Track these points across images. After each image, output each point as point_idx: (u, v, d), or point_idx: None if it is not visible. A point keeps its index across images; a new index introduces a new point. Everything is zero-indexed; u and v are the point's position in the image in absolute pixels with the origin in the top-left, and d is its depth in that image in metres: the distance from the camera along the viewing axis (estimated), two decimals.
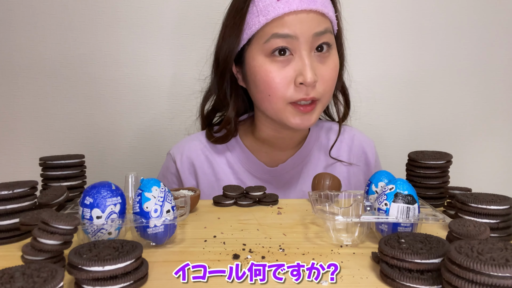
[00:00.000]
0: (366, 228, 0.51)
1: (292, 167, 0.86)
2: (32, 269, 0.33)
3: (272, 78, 0.72)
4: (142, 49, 1.12)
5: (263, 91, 0.74)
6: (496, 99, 1.21)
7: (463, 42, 1.17)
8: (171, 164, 0.87)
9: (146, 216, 0.47)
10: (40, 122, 1.13)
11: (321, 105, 0.76)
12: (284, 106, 0.74)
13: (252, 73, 0.75)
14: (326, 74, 0.74)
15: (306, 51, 0.71)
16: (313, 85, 0.71)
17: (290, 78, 0.72)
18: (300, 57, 0.71)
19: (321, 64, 0.73)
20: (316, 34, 0.71)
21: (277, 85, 0.72)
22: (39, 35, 1.09)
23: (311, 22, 0.70)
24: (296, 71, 0.71)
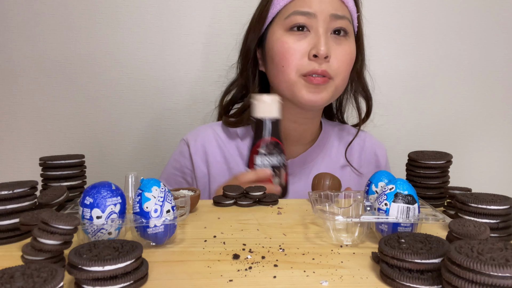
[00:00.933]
0: (366, 228, 0.51)
1: (302, 164, 0.87)
2: (32, 269, 0.33)
3: (287, 48, 0.76)
4: (142, 49, 1.12)
5: (278, 63, 0.77)
6: (496, 99, 1.21)
7: (463, 42, 1.17)
8: (184, 148, 0.88)
9: (146, 216, 0.47)
10: (40, 122, 1.13)
11: (333, 84, 0.78)
12: (296, 78, 0.76)
13: (270, 47, 0.79)
14: (341, 55, 0.77)
15: (323, 28, 0.75)
16: (326, 59, 0.75)
17: (304, 51, 0.75)
18: (316, 32, 0.75)
19: (336, 45, 0.77)
20: (334, 16, 0.75)
21: (291, 56, 0.75)
22: (39, 35, 1.09)
23: (330, 3, 0.75)
24: (311, 44, 0.75)
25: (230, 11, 1.11)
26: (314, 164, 0.88)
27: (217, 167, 0.86)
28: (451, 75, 1.19)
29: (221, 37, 1.12)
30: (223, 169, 0.86)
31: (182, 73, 1.14)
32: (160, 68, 1.13)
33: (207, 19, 1.12)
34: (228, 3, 1.11)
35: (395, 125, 1.20)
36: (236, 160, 0.87)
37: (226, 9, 1.12)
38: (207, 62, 1.14)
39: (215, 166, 0.86)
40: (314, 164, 0.88)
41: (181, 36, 1.12)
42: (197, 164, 0.87)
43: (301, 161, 0.87)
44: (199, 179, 0.87)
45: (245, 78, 0.86)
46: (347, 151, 0.89)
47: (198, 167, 0.87)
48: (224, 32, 1.12)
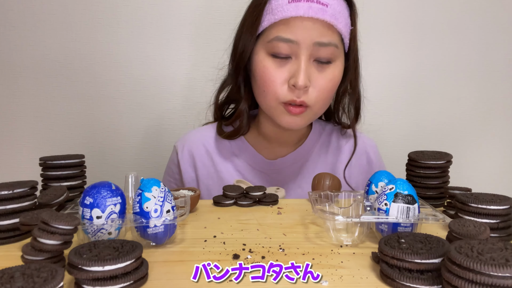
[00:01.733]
0: (366, 228, 0.51)
1: (292, 163, 0.87)
2: (32, 269, 0.33)
3: (268, 74, 0.74)
4: (142, 49, 1.12)
5: (259, 86, 0.77)
6: (496, 99, 1.21)
7: (463, 42, 1.17)
8: (174, 155, 0.90)
9: (146, 216, 0.47)
10: (40, 122, 1.13)
11: (311, 112, 0.77)
12: (276, 104, 0.76)
13: (253, 67, 0.78)
14: (321, 83, 0.74)
15: (305, 56, 0.72)
16: (304, 89, 0.73)
17: (284, 78, 0.74)
18: (298, 60, 0.73)
19: (318, 72, 0.74)
20: (317, 44, 0.72)
21: (271, 83, 0.74)
22: (39, 35, 1.09)
23: (315, 31, 0.71)
24: (291, 72, 0.73)
25: (229, 11, 1.11)
26: (303, 163, 0.87)
27: (205, 170, 0.87)
28: (451, 75, 1.19)
29: (220, 37, 1.12)
30: (211, 172, 0.87)
31: (182, 73, 1.15)
32: (160, 68, 1.13)
33: (207, 20, 1.12)
34: (227, 4, 1.11)
35: (395, 125, 1.20)
36: (224, 162, 0.87)
37: (226, 9, 1.12)
38: (207, 61, 1.14)
39: (203, 169, 0.87)
40: (303, 163, 0.87)
41: (181, 36, 1.12)
42: (184, 169, 0.88)
43: (290, 160, 0.87)
44: (188, 184, 0.88)
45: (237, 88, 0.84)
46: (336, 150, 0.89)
47: (186, 172, 0.88)
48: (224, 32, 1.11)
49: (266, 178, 0.87)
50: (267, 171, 0.87)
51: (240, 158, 0.87)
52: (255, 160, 0.87)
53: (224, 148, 0.88)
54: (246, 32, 0.78)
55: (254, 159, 0.87)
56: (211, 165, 0.87)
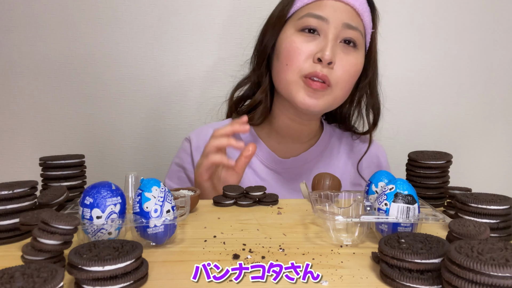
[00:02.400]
0: (366, 228, 0.51)
1: (304, 163, 0.88)
2: (32, 269, 0.33)
3: (294, 48, 0.76)
4: (142, 49, 1.12)
5: (282, 61, 0.77)
6: (496, 99, 1.21)
7: (463, 42, 1.17)
8: (186, 145, 0.90)
9: (146, 216, 0.47)
10: (40, 122, 1.13)
11: (332, 93, 0.77)
12: (296, 78, 0.76)
13: (279, 45, 0.79)
14: (345, 65, 0.76)
15: (333, 34, 0.75)
16: (329, 66, 0.74)
17: (310, 53, 0.75)
18: (326, 37, 0.75)
19: (343, 53, 0.76)
20: (346, 25, 0.75)
21: (297, 56, 0.75)
22: (39, 35, 1.09)
23: (345, 13, 0.75)
24: (318, 47, 0.75)
25: (228, 10, 1.11)
26: (314, 163, 0.88)
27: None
28: (451, 75, 1.19)
29: (220, 37, 1.12)
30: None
31: (181, 73, 1.15)
32: (160, 68, 1.13)
33: (207, 19, 1.12)
34: (227, 3, 1.11)
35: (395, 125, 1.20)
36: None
37: (226, 8, 1.12)
38: (206, 62, 1.14)
39: None
40: (315, 164, 0.88)
41: (180, 36, 1.12)
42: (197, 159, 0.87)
43: (302, 159, 0.87)
44: None
45: (258, 75, 0.86)
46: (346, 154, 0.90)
47: None
48: (224, 31, 1.12)
49: (277, 177, 0.87)
50: (279, 170, 0.87)
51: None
52: (268, 158, 0.87)
53: None
54: (275, 21, 0.80)
55: (267, 157, 0.87)
56: None
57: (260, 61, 0.84)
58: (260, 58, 0.84)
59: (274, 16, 0.82)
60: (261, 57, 0.83)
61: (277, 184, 0.86)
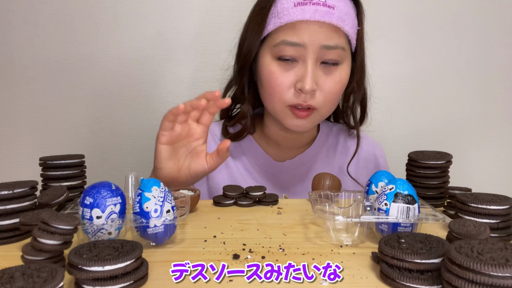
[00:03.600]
0: (366, 228, 0.51)
1: (300, 165, 0.87)
2: (32, 269, 0.33)
3: (274, 79, 0.74)
4: (142, 49, 1.12)
5: (266, 90, 0.77)
6: (496, 99, 1.21)
7: (463, 42, 1.17)
8: None
9: (146, 216, 0.47)
10: (40, 122, 1.13)
11: (318, 114, 0.77)
12: (282, 107, 0.76)
13: (259, 71, 0.77)
14: (328, 86, 0.74)
15: (311, 59, 0.71)
16: (311, 93, 0.72)
17: (290, 82, 0.73)
18: (304, 64, 0.72)
19: (325, 75, 0.74)
20: (324, 47, 0.71)
21: (278, 87, 0.74)
22: (39, 35, 1.09)
23: (322, 35, 0.70)
24: (298, 76, 0.72)
25: (229, 10, 1.11)
26: (311, 164, 0.88)
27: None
28: (451, 75, 1.19)
29: (220, 36, 1.12)
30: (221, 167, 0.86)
31: (182, 72, 1.14)
32: (160, 68, 1.13)
33: (207, 19, 1.12)
34: (229, 4, 1.11)
35: (395, 125, 1.20)
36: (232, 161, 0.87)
37: (225, 8, 1.12)
38: (206, 61, 1.14)
39: None
40: (311, 165, 0.88)
41: (180, 36, 1.12)
42: None
43: (298, 162, 0.87)
44: None
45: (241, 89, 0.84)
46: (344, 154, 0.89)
47: None
48: (223, 31, 1.12)
49: (273, 180, 0.86)
50: (275, 173, 0.87)
51: (249, 158, 0.87)
52: (264, 161, 0.87)
53: (233, 147, 0.88)
54: (251, 34, 0.77)
55: (262, 160, 0.87)
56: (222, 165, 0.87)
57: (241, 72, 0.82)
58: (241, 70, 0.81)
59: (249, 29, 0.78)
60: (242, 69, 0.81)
61: (274, 187, 0.86)
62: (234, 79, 0.85)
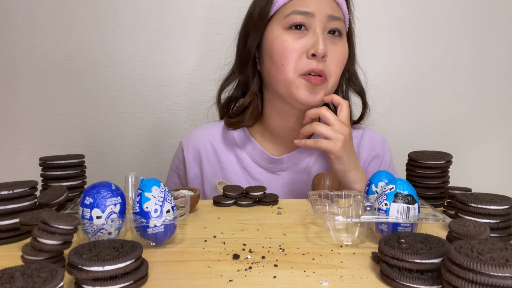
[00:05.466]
0: (366, 228, 0.51)
1: (298, 160, 0.87)
2: (32, 269, 0.33)
3: (286, 47, 0.77)
4: (142, 49, 1.12)
5: (277, 62, 0.78)
6: (496, 99, 1.21)
7: (464, 42, 1.17)
8: (179, 151, 0.91)
9: (146, 216, 0.47)
10: (40, 122, 1.13)
11: (327, 86, 0.80)
12: (295, 77, 0.78)
13: (269, 45, 0.80)
14: (336, 55, 0.79)
15: (320, 28, 0.77)
16: (323, 59, 0.77)
17: (303, 49, 0.77)
18: (314, 32, 0.77)
19: (332, 44, 0.79)
20: (330, 17, 0.77)
21: (291, 54, 0.77)
22: (39, 35, 1.09)
23: (328, 5, 0.78)
24: (310, 43, 0.77)
25: (228, 10, 1.11)
26: (309, 160, 0.88)
27: (210, 166, 0.88)
28: (451, 75, 1.19)
29: (220, 36, 1.12)
30: (216, 169, 0.88)
31: (181, 72, 1.15)
32: (160, 68, 1.13)
33: (206, 19, 1.12)
34: (228, 3, 1.11)
35: (395, 125, 1.20)
36: (229, 159, 0.88)
37: (225, 8, 1.12)
38: (206, 61, 1.14)
39: (208, 166, 0.88)
40: (309, 160, 0.88)
41: (180, 36, 1.12)
42: (189, 165, 0.89)
43: (296, 157, 0.87)
44: (192, 180, 0.89)
45: (246, 77, 0.86)
46: None
47: (191, 169, 0.89)
48: (223, 31, 1.12)
49: (271, 175, 0.87)
50: (273, 168, 0.87)
51: (246, 155, 0.88)
52: (261, 157, 0.87)
53: (230, 145, 0.88)
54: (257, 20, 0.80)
55: (260, 156, 0.87)
56: (217, 163, 0.88)
57: (245, 63, 0.85)
58: (245, 60, 0.84)
59: (254, 16, 0.82)
60: (246, 59, 0.84)
61: (272, 183, 0.86)
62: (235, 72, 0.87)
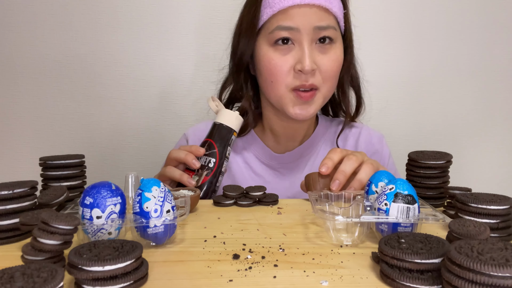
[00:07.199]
0: (366, 228, 0.51)
1: (299, 157, 0.88)
2: (32, 269, 0.33)
3: (273, 64, 0.76)
4: (142, 49, 1.12)
5: (267, 78, 0.78)
6: (496, 99, 1.21)
7: (464, 42, 1.18)
8: (183, 141, 0.91)
9: (146, 216, 0.47)
10: (40, 122, 1.13)
11: (321, 95, 0.78)
12: (286, 92, 0.77)
13: (258, 62, 0.80)
14: (326, 64, 0.76)
15: (307, 41, 0.74)
16: (311, 73, 0.75)
17: (290, 65, 0.75)
18: (301, 46, 0.75)
19: (322, 54, 0.76)
20: (317, 28, 0.74)
21: (278, 72, 0.76)
22: (39, 35, 1.09)
23: (313, 16, 0.74)
24: (296, 59, 0.75)
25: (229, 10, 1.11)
26: (310, 156, 0.88)
27: None
28: (451, 75, 1.19)
29: (220, 36, 1.12)
30: None
31: (182, 72, 1.15)
32: (160, 68, 1.13)
33: (206, 19, 1.12)
34: (228, 4, 1.11)
35: (395, 125, 1.20)
36: (232, 154, 0.88)
37: (225, 8, 1.12)
38: (207, 61, 1.14)
39: None
40: (311, 157, 0.88)
41: (180, 36, 1.12)
42: None
43: (298, 154, 0.88)
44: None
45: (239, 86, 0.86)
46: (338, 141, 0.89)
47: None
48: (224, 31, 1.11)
49: (274, 172, 0.87)
50: (275, 165, 0.88)
51: (249, 151, 0.89)
52: (264, 154, 0.88)
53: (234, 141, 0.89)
54: (246, 31, 0.79)
55: (262, 152, 0.88)
56: None
57: (238, 70, 0.84)
58: (238, 68, 0.84)
59: (243, 26, 0.81)
60: (239, 67, 0.83)
61: (274, 179, 0.87)
62: (230, 78, 0.87)
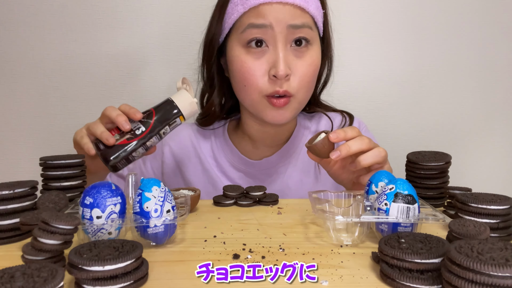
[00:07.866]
0: (366, 228, 0.51)
1: (277, 162, 0.85)
2: (32, 269, 0.33)
3: (246, 69, 0.72)
4: (142, 49, 1.12)
5: (239, 82, 0.75)
6: (496, 99, 1.21)
7: (463, 42, 1.17)
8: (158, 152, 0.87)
9: (146, 216, 0.47)
10: (40, 122, 1.13)
11: (296, 102, 0.75)
12: (259, 98, 0.74)
13: (230, 63, 0.76)
14: (301, 70, 0.73)
15: (281, 43, 0.71)
16: (286, 78, 0.71)
17: (264, 70, 0.72)
18: (275, 49, 0.71)
19: (297, 58, 0.73)
20: (291, 26, 0.71)
21: (251, 76, 0.72)
22: (39, 35, 1.09)
23: (286, 13, 0.70)
24: (270, 63, 0.71)
25: None
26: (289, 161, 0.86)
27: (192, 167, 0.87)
28: (450, 75, 1.19)
29: None
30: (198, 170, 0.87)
31: (182, 73, 1.14)
32: (160, 68, 1.13)
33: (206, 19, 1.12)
34: None
35: (395, 125, 1.20)
36: (209, 161, 0.87)
37: None
38: None
39: (189, 166, 0.87)
40: (290, 162, 0.86)
41: (180, 36, 1.12)
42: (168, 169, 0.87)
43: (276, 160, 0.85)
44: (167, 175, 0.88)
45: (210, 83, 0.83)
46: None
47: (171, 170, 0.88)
48: None
49: (251, 179, 0.85)
50: (252, 172, 0.85)
51: (223, 158, 0.87)
52: (239, 161, 0.86)
53: (209, 147, 0.87)
54: (215, 24, 0.76)
55: (238, 160, 0.86)
56: (198, 162, 0.87)
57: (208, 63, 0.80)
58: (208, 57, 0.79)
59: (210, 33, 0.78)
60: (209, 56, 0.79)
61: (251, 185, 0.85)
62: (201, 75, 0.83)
